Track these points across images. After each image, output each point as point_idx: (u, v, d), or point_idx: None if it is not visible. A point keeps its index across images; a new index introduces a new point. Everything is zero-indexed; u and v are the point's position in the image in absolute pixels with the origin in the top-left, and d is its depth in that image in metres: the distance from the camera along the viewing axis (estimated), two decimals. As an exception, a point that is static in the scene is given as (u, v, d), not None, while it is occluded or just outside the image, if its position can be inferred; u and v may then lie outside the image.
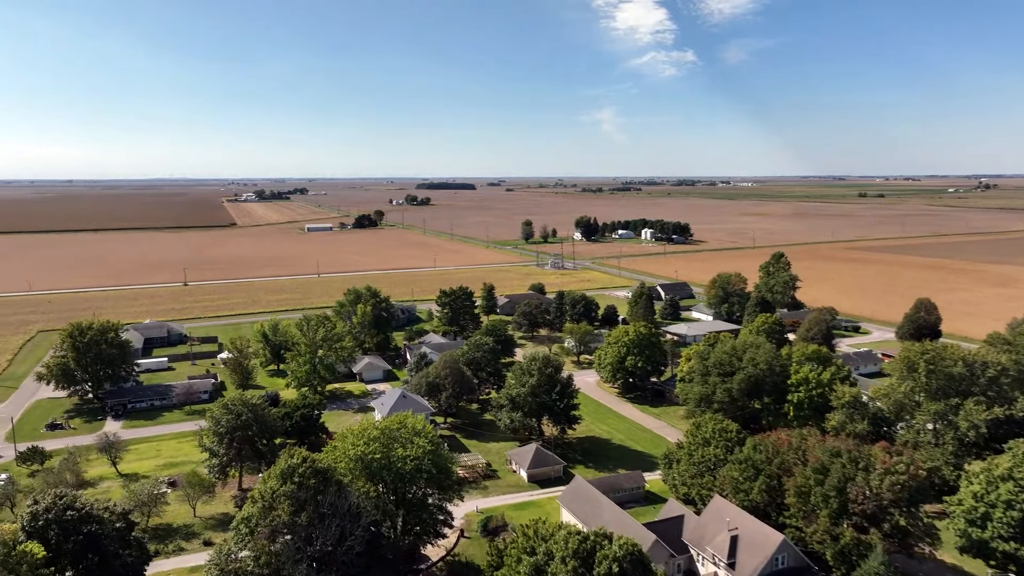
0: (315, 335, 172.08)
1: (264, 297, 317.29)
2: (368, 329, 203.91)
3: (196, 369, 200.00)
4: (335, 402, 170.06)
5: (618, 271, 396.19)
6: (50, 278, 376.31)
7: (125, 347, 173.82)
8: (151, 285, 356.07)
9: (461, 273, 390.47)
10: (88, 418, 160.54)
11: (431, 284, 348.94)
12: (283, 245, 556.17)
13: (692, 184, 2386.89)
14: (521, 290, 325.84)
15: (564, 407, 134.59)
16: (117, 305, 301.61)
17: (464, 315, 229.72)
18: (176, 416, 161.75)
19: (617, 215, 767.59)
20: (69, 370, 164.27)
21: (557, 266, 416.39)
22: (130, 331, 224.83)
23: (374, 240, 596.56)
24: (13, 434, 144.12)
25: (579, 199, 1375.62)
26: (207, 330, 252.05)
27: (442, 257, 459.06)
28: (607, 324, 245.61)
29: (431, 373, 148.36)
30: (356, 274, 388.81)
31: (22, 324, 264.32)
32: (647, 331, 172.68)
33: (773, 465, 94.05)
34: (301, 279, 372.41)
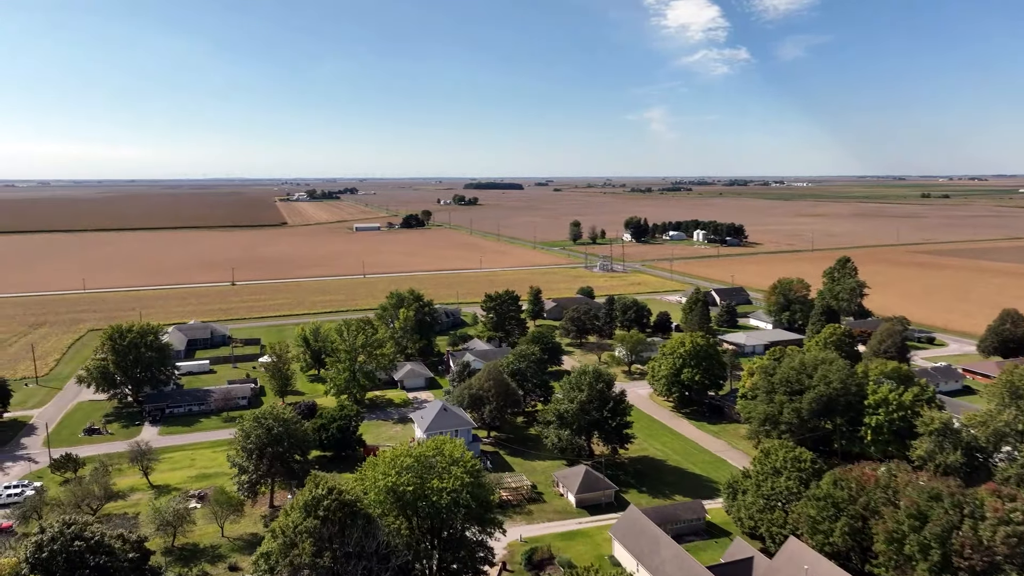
0: (355, 341, 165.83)
1: (309, 298, 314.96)
2: (410, 334, 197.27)
3: (237, 373, 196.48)
4: (374, 411, 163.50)
5: (670, 274, 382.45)
6: (105, 276, 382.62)
7: (164, 350, 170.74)
8: (200, 284, 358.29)
9: (507, 275, 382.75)
10: (126, 423, 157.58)
11: (477, 286, 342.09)
12: (331, 245, 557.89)
13: (744, 184, 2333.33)
14: (569, 294, 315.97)
15: (616, 425, 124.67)
16: (166, 304, 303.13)
17: (510, 320, 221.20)
18: (213, 423, 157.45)
19: (667, 216, 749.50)
20: (109, 373, 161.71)
21: (606, 268, 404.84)
22: (173, 332, 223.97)
23: (421, 240, 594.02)
24: (48, 441, 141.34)
25: (628, 199, 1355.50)
26: (250, 331, 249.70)
27: (488, 258, 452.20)
28: (659, 331, 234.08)
29: (474, 385, 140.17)
30: (402, 275, 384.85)
31: (73, 323, 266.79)
32: (705, 342, 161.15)
33: (858, 505, 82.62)
34: (347, 280, 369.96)
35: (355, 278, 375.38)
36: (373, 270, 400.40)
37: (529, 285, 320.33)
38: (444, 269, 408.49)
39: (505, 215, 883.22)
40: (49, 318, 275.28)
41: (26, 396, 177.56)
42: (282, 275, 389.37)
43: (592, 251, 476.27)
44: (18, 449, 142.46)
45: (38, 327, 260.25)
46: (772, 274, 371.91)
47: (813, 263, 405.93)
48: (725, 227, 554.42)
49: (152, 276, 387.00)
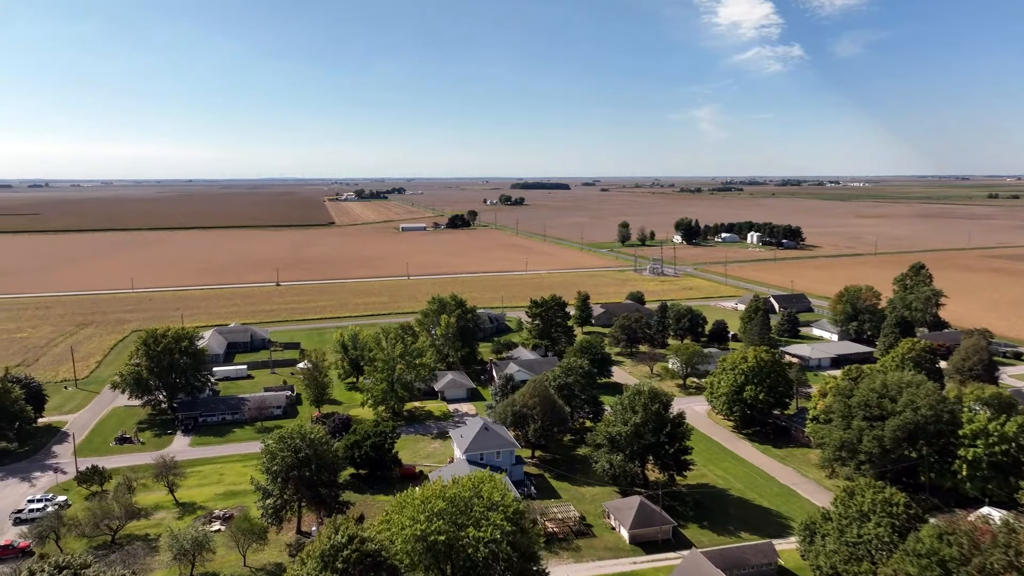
0: (393, 350, 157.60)
1: (352, 300, 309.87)
2: (452, 342, 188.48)
3: (274, 379, 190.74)
4: (412, 425, 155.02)
5: (724, 279, 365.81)
6: (154, 275, 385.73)
7: (199, 356, 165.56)
8: (246, 285, 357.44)
9: (553, 278, 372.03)
10: (159, 431, 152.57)
11: (522, 289, 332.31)
12: (377, 245, 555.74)
13: (797, 184, 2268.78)
14: (618, 298, 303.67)
15: (675, 451, 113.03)
16: (211, 305, 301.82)
17: (556, 327, 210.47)
18: (246, 433, 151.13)
19: (719, 217, 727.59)
20: (142, 379, 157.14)
21: (656, 272, 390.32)
22: (213, 335, 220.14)
23: (466, 240, 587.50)
24: (75, 452, 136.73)
25: (677, 199, 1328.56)
26: (291, 335, 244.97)
27: (534, 260, 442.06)
28: (715, 341, 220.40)
29: (518, 401, 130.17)
30: (446, 277, 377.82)
31: (119, 323, 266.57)
32: (770, 357, 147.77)
33: (972, 566, 69.67)
34: (390, 281, 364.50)
35: (399, 279, 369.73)
36: (417, 271, 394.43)
37: (576, 289, 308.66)
38: (489, 271, 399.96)
39: (551, 215, 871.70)
40: (96, 318, 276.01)
41: (63, 400, 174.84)
42: (327, 276, 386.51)
43: (641, 253, 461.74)
44: (48, 457, 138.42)
45: (84, 327, 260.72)
46: (833, 279, 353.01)
47: (877, 268, 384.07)
48: (781, 229, 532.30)
49: (200, 276, 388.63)
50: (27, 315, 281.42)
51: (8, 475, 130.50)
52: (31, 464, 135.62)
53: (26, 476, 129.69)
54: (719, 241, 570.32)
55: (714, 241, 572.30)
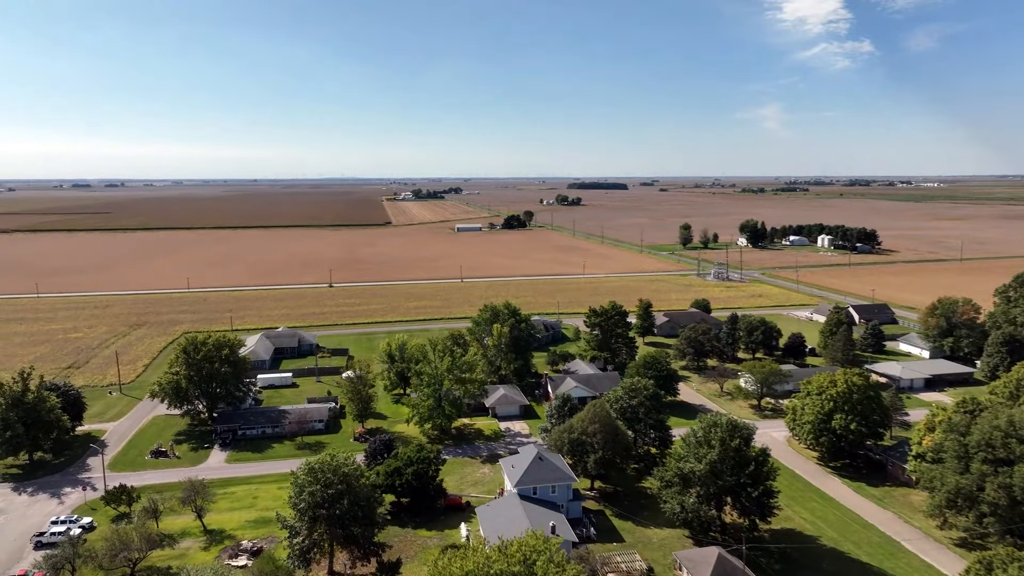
0: (440, 364, 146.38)
1: (404, 304, 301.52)
2: (505, 353, 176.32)
3: (318, 388, 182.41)
4: (460, 445, 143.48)
5: (795, 285, 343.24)
6: (211, 275, 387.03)
7: (240, 365, 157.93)
8: (299, 285, 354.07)
9: (612, 282, 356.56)
10: (196, 444, 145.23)
11: (579, 294, 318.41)
12: (432, 245, 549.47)
13: (866, 184, 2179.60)
14: (681, 305, 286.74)
15: (758, 495, 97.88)
16: (263, 306, 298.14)
17: (616, 338, 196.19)
18: (285, 450, 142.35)
19: (785, 218, 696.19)
20: (181, 389, 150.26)
21: (721, 277, 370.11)
22: (261, 339, 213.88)
23: (522, 241, 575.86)
24: (109, 464, 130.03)
25: (739, 200, 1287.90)
26: (340, 340, 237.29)
27: (592, 262, 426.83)
28: (791, 356, 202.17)
29: (576, 427, 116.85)
30: (500, 280, 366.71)
31: (171, 324, 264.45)
32: (862, 382, 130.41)
33: None
34: (444, 284, 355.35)
35: (452, 282, 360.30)
36: (471, 274, 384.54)
37: (636, 295, 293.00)
38: (544, 274, 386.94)
39: (609, 216, 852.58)
40: (150, 318, 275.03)
41: (106, 406, 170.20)
42: (380, 277, 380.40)
43: (704, 257, 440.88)
44: (82, 470, 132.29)
45: (138, 327, 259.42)
46: (916, 287, 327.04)
47: (964, 275, 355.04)
48: (855, 232, 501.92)
49: (255, 275, 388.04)
50: (85, 314, 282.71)
51: (39, 490, 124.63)
52: (63, 478, 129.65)
53: (56, 492, 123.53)
54: (787, 244, 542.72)
55: (781, 244, 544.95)
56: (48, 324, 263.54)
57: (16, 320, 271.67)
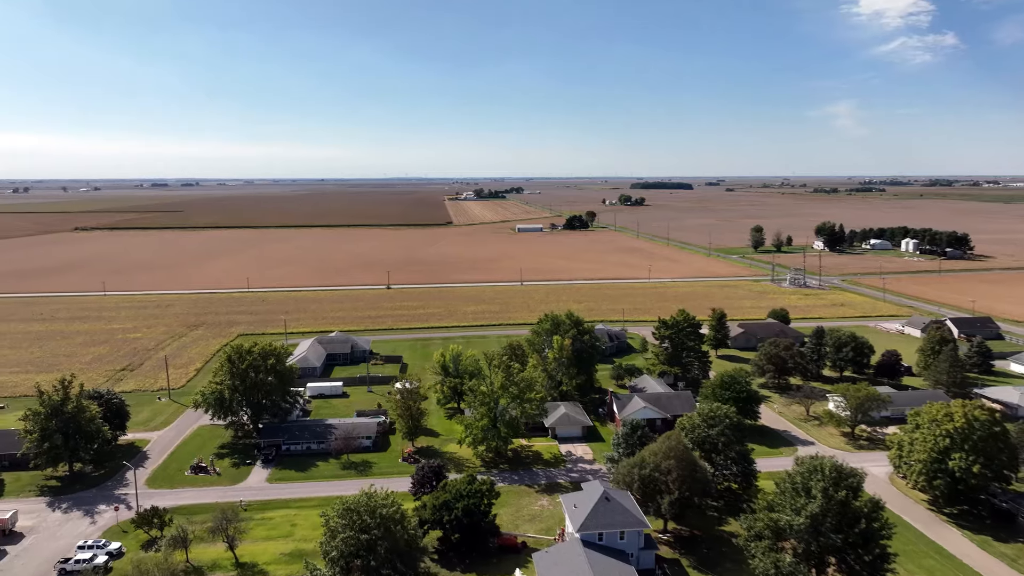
0: (495, 380, 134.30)
1: (461, 308, 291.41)
2: (566, 367, 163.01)
3: (369, 400, 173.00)
4: (516, 471, 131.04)
5: (881, 294, 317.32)
6: (271, 274, 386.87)
7: (285, 376, 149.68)
8: (357, 287, 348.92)
9: (679, 287, 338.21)
10: (238, 460, 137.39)
11: (644, 300, 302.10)
12: (492, 246, 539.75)
13: (948, 184, 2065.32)
14: (755, 314, 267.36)
15: (872, 559, 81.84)
16: (320, 308, 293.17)
17: (688, 352, 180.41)
18: (330, 469, 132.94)
19: (862, 220, 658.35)
20: (224, 400, 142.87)
21: (797, 283, 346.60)
22: (313, 345, 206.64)
23: (583, 243, 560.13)
24: (136, 486, 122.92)
25: (811, 200, 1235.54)
26: (394, 346, 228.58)
27: (657, 266, 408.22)
28: (884, 375, 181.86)
29: (648, 461, 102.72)
30: (560, 283, 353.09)
31: (228, 325, 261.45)
32: (985, 416, 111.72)
33: None
34: (502, 287, 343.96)
35: (512, 285, 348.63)
36: (531, 276, 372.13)
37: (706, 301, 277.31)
38: (607, 278, 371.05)
39: (674, 217, 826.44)
40: (207, 318, 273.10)
41: (153, 413, 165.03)
42: (438, 279, 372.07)
43: (779, 261, 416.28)
44: (119, 485, 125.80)
45: (195, 328, 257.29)
46: (1020, 298, 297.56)
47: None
48: (944, 235, 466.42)
49: (314, 275, 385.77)
50: (146, 313, 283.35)
51: (73, 506, 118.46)
52: (99, 493, 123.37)
53: (90, 510, 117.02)
54: (867, 249, 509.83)
55: (861, 248, 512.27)
56: (110, 324, 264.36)
57: (81, 319, 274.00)
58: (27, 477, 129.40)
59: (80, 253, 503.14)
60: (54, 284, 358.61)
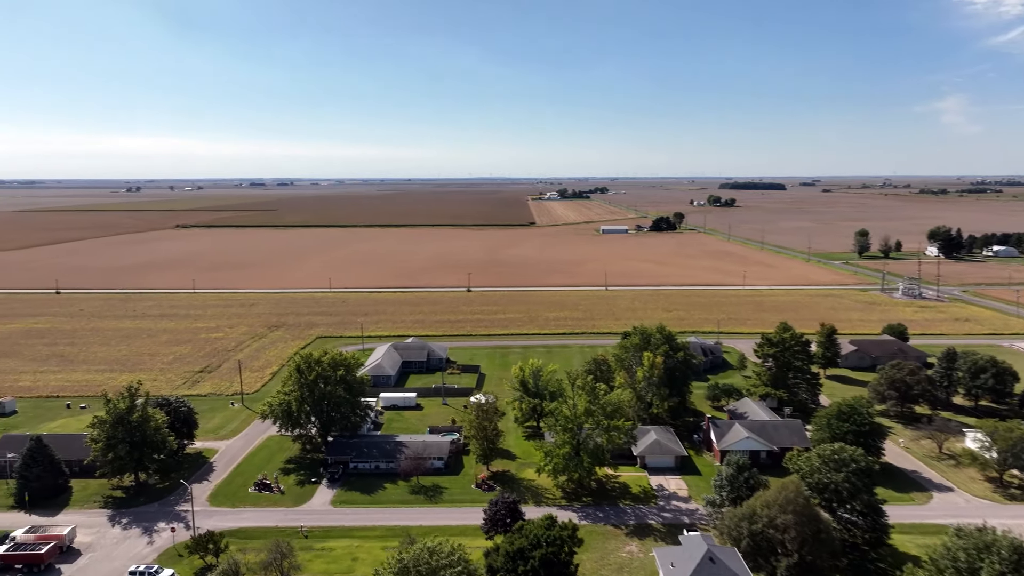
0: (579, 403, 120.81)
1: (543, 314, 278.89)
2: (657, 388, 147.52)
3: (443, 414, 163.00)
4: (601, 506, 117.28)
5: (1016, 308, 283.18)
6: (353, 274, 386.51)
7: (355, 387, 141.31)
8: (437, 289, 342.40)
9: (777, 296, 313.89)
10: (304, 477, 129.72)
11: (739, 309, 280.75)
12: (575, 248, 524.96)
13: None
14: (865, 328, 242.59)
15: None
16: (398, 311, 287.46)
17: (795, 373, 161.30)
18: (398, 493, 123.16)
19: (981, 224, 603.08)
20: (291, 411, 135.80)
21: (911, 294, 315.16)
22: (389, 352, 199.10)
23: (671, 245, 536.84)
24: (197, 503, 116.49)
25: (917, 202, 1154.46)
26: (472, 354, 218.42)
27: (752, 271, 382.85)
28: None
29: (759, 514, 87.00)
30: (647, 289, 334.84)
31: (308, 327, 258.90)
32: None
33: None
34: (586, 293, 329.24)
35: (596, 291, 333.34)
36: (617, 281, 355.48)
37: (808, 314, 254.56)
38: (698, 284, 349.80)
39: (768, 219, 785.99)
40: (288, 319, 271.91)
41: (224, 420, 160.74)
42: (519, 282, 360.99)
43: (889, 269, 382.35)
44: (181, 500, 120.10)
45: (276, 328, 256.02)
46: None
47: None
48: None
49: (395, 276, 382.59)
50: (230, 312, 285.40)
51: (133, 522, 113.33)
52: (161, 508, 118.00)
53: (149, 527, 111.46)
54: (989, 256, 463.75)
55: (982, 255, 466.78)
56: (195, 322, 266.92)
57: (169, 316, 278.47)
58: (94, 485, 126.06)
59: (177, 250, 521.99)
60: (150, 280, 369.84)
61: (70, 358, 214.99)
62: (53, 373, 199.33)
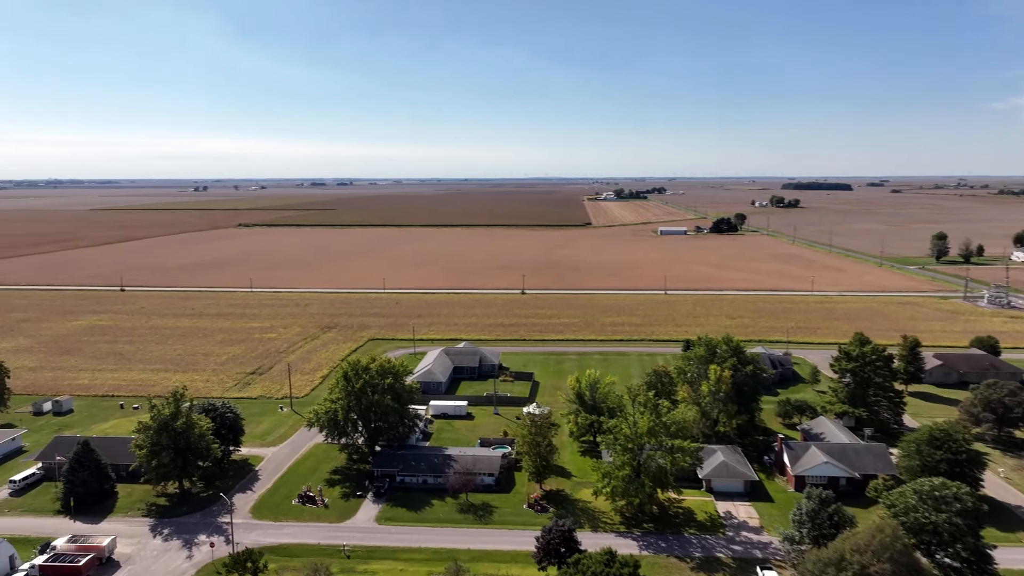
0: (641, 422, 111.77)
1: (599, 319, 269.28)
2: (724, 404, 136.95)
3: (494, 425, 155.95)
4: (663, 534, 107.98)
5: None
6: (407, 275, 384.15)
7: (403, 396, 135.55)
8: (491, 291, 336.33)
9: (848, 303, 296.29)
10: (349, 489, 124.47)
11: (809, 317, 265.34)
12: (632, 250, 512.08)
13: None
14: (949, 339, 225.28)
15: None
16: (451, 313, 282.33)
17: (876, 389, 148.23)
18: (446, 511, 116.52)
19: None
20: (337, 421, 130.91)
21: (999, 303, 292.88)
22: (440, 357, 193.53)
23: (733, 248, 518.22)
24: (237, 516, 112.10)
25: (997, 203, 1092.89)
26: (525, 360, 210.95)
27: (820, 276, 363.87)
28: None
29: (849, 560, 76.63)
30: (709, 294, 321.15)
31: (360, 328, 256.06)
32: None
33: None
34: (644, 297, 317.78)
35: (654, 295, 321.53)
36: (676, 285, 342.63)
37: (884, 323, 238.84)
38: (762, 289, 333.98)
39: (835, 220, 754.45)
40: (341, 320, 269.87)
41: (273, 425, 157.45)
42: (575, 285, 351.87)
43: (971, 275, 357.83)
44: (224, 511, 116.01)
45: (328, 329, 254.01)
46: None
47: None
48: None
49: (449, 277, 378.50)
50: (285, 312, 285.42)
51: (174, 533, 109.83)
52: (203, 519, 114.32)
53: (189, 540, 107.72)
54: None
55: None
56: (250, 322, 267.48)
57: (224, 315, 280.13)
58: (140, 491, 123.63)
59: (237, 249, 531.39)
60: (210, 279, 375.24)
61: (128, 356, 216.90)
62: (110, 371, 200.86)
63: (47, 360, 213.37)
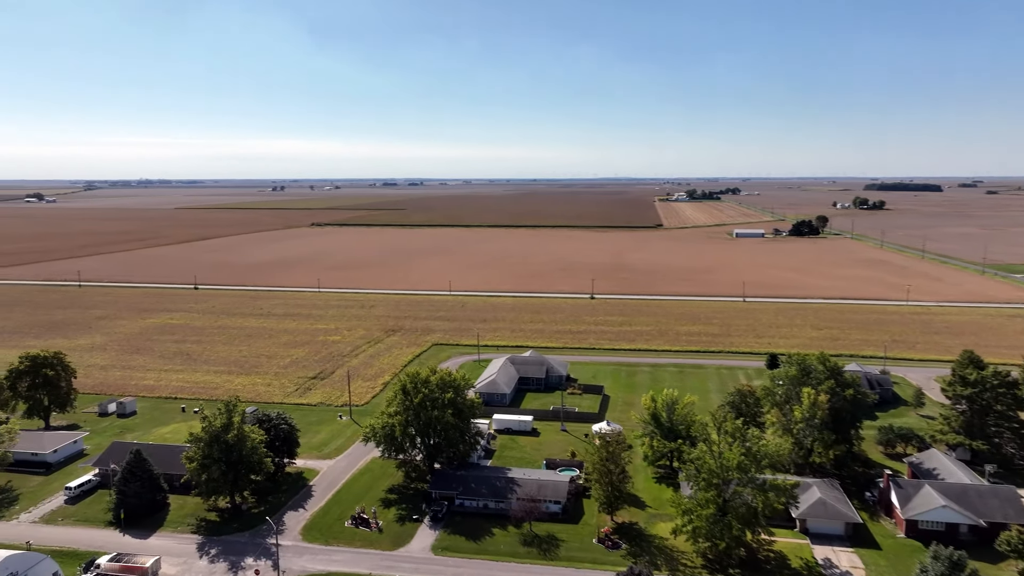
0: (729, 453, 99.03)
1: (673, 327, 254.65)
2: (819, 431, 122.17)
3: (561, 444, 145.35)
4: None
5: None
6: (473, 276, 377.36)
7: (465, 412, 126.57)
8: (558, 295, 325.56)
9: (949, 315, 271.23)
10: (405, 512, 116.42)
11: (904, 330, 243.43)
12: (706, 253, 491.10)
13: None
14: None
15: None
16: (517, 318, 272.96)
17: (999, 419, 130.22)
18: (508, 542, 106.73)
19: None
20: (395, 437, 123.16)
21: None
22: (505, 365, 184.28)
23: (814, 252, 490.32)
24: (276, 539, 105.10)
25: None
26: (595, 371, 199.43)
27: (915, 285, 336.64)
28: None
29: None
30: (792, 302, 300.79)
31: (424, 332, 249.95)
32: None
33: None
34: (721, 304, 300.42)
35: (732, 302, 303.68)
36: (755, 291, 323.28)
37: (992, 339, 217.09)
38: (850, 297, 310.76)
39: (926, 224, 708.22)
40: (406, 323, 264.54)
41: (330, 435, 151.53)
42: (646, 290, 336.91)
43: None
44: (271, 533, 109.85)
45: (392, 333, 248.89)
46: None
47: None
48: None
49: (515, 279, 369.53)
50: (350, 314, 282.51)
51: (222, 554, 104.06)
52: (252, 540, 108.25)
53: (236, 562, 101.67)
54: None
55: None
56: (315, 323, 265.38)
57: (291, 316, 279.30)
58: (191, 504, 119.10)
59: (309, 248, 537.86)
60: (280, 278, 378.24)
61: (194, 356, 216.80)
62: (176, 372, 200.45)
63: (118, 359, 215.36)
